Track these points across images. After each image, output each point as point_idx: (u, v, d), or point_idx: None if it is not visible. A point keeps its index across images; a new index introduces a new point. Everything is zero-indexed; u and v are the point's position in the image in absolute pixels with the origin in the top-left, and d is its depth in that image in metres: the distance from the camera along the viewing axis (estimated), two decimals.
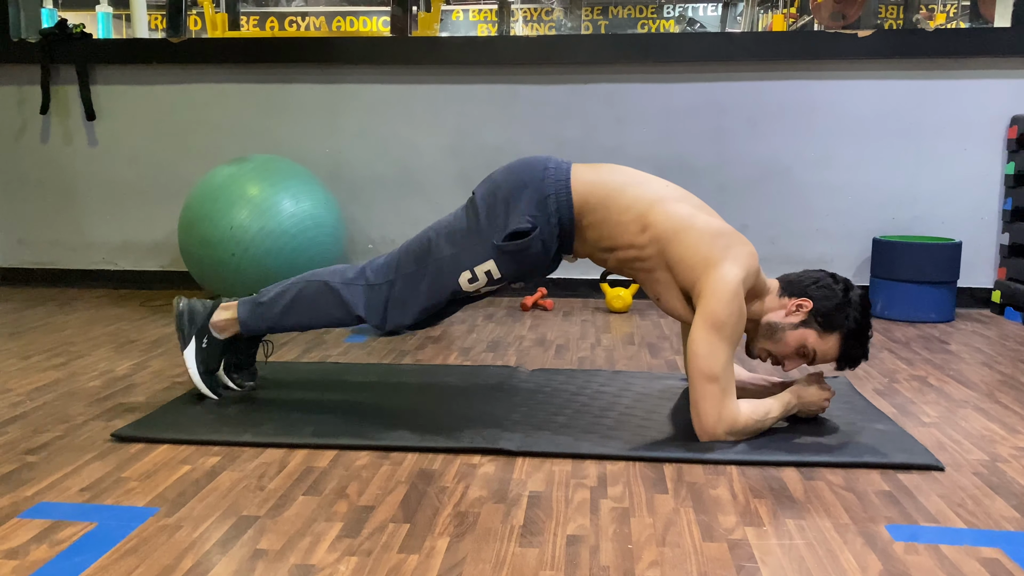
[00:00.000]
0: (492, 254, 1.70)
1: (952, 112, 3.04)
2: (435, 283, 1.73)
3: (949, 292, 2.85)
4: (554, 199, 1.70)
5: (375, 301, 1.77)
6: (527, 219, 1.68)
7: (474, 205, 1.75)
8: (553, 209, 1.70)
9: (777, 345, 1.71)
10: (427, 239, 1.76)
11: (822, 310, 1.68)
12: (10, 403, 1.88)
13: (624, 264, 1.74)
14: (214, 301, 1.89)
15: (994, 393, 2.03)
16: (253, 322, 1.84)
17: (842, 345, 1.68)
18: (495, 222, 1.70)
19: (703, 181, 3.16)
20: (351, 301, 1.78)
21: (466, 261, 1.71)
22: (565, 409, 1.83)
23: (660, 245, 1.68)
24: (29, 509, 1.34)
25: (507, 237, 1.68)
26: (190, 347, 1.86)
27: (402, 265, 1.77)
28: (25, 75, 3.35)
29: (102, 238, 3.42)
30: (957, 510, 1.37)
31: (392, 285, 1.76)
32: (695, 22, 7.85)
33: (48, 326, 2.69)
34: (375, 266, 1.80)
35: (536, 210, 1.69)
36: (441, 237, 1.74)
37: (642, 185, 1.73)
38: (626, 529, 1.29)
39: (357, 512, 1.34)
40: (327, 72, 3.25)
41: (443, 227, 1.76)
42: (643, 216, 1.68)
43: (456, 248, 1.72)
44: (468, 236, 1.72)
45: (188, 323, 1.86)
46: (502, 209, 1.70)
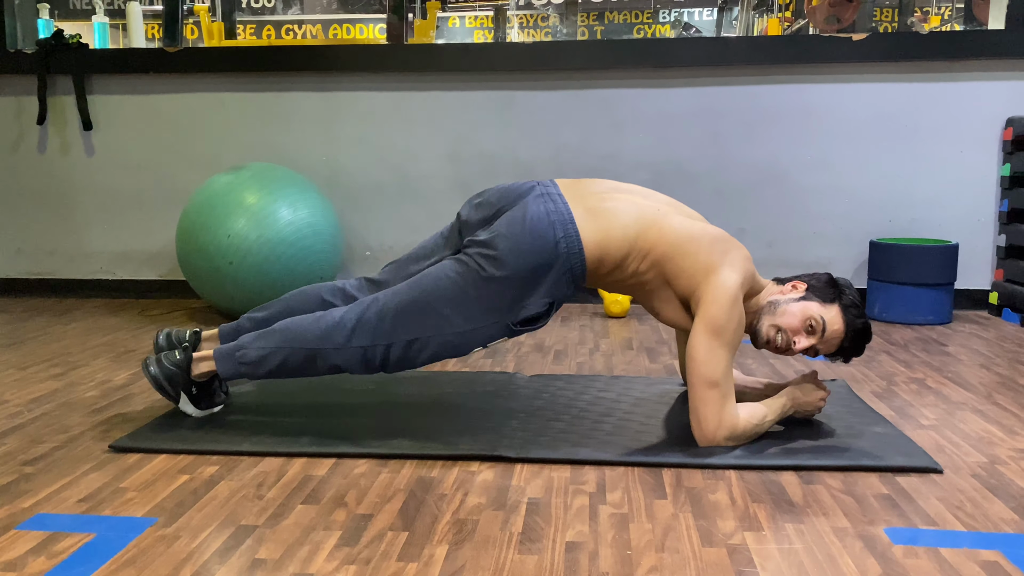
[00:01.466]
0: (507, 332, 1.68)
1: (948, 114, 3.05)
2: (443, 352, 1.68)
3: (946, 294, 2.86)
4: (569, 274, 1.67)
5: (371, 361, 1.69)
6: (544, 304, 1.67)
7: (480, 272, 1.65)
8: (568, 280, 1.68)
9: (784, 317, 1.68)
10: (425, 303, 1.66)
11: (816, 286, 1.71)
12: (8, 414, 1.88)
13: (624, 287, 1.77)
14: (183, 356, 1.76)
15: (992, 395, 2.03)
16: (236, 377, 1.76)
17: (845, 315, 1.68)
18: (511, 305, 1.65)
19: (700, 186, 3.16)
20: (343, 365, 1.69)
21: (479, 339, 1.67)
22: (563, 415, 1.83)
23: (659, 267, 1.69)
24: (27, 521, 1.33)
25: (523, 321, 1.67)
26: (183, 400, 1.79)
27: (399, 330, 1.66)
28: (22, 85, 3.36)
29: (100, 248, 3.42)
30: (956, 513, 1.37)
31: (389, 348, 1.67)
32: (691, 27, 7.87)
33: (46, 336, 2.69)
34: (365, 324, 1.67)
35: (554, 290, 1.67)
36: (444, 305, 1.65)
37: (639, 217, 1.70)
38: (625, 535, 1.28)
39: (356, 520, 1.33)
40: (324, 80, 3.25)
41: (443, 292, 1.66)
42: (644, 250, 1.69)
43: (468, 325, 1.66)
44: (480, 315, 1.65)
45: (170, 387, 1.76)
46: (518, 294, 1.65)
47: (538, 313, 1.67)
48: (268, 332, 1.73)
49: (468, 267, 1.66)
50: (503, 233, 1.66)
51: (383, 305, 1.68)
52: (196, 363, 1.77)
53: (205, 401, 1.82)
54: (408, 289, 1.69)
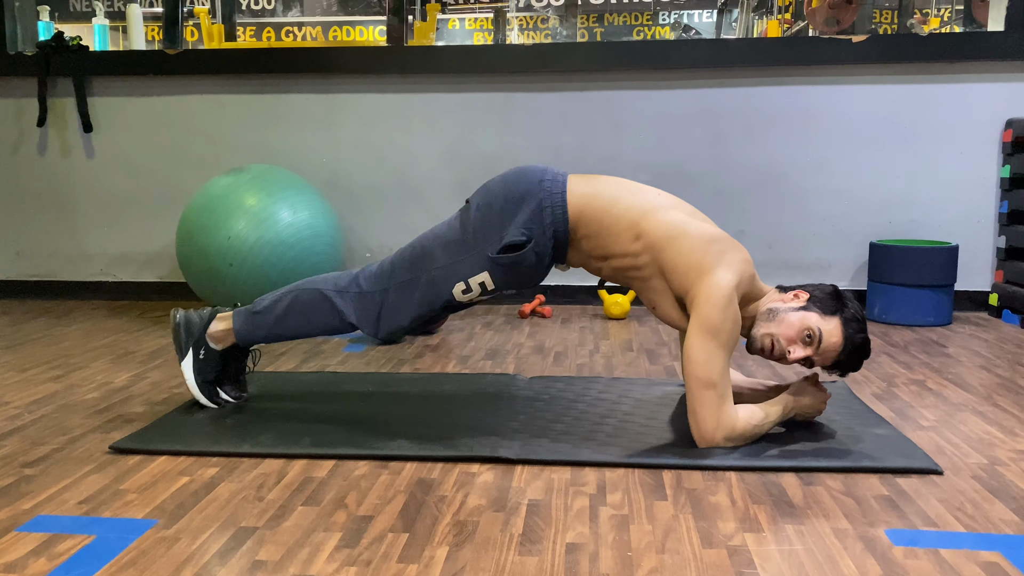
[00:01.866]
0: (486, 266, 1.71)
1: (947, 116, 3.05)
2: (428, 292, 1.75)
3: (946, 295, 2.86)
4: (549, 212, 1.70)
5: (368, 309, 1.78)
6: (522, 232, 1.69)
7: (469, 215, 1.75)
8: (548, 222, 1.70)
9: (780, 326, 1.66)
10: (421, 247, 1.77)
11: (819, 296, 1.69)
12: (8, 416, 1.88)
13: (618, 272, 1.75)
14: (210, 312, 1.89)
15: (992, 396, 2.03)
16: (248, 331, 1.84)
17: (844, 328, 1.65)
18: (490, 234, 1.71)
19: (700, 187, 3.17)
20: (344, 309, 1.79)
21: (460, 272, 1.72)
22: (564, 416, 1.83)
23: (654, 253, 1.68)
24: (27, 522, 1.33)
25: (502, 250, 1.69)
26: (187, 358, 1.86)
27: (396, 273, 1.78)
28: (22, 88, 3.36)
29: (100, 249, 3.42)
30: (956, 514, 1.37)
31: (385, 293, 1.77)
32: (690, 28, 7.87)
33: (46, 338, 2.69)
34: (368, 274, 1.81)
35: (531, 223, 1.69)
36: (436, 246, 1.75)
37: (635, 195, 1.73)
38: (625, 536, 1.28)
39: (356, 522, 1.33)
40: (324, 82, 3.25)
41: (437, 236, 1.77)
42: (636, 224, 1.69)
43: (451, 259, 1.73)
44: (463, 247, 1.72)
45: (185, 335, 1.86)
46: (497, 221, 1.71)
47: (516, 242, 1.69)
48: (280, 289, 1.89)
49: (458, 212, 1.78)
50: (494, 178, 1.79)
51: (386, 259, 1.82)
52: (216, 320, 1.88)
53: (205, 377, 1.87)
54: (406, 245, 1.82)
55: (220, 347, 1.87)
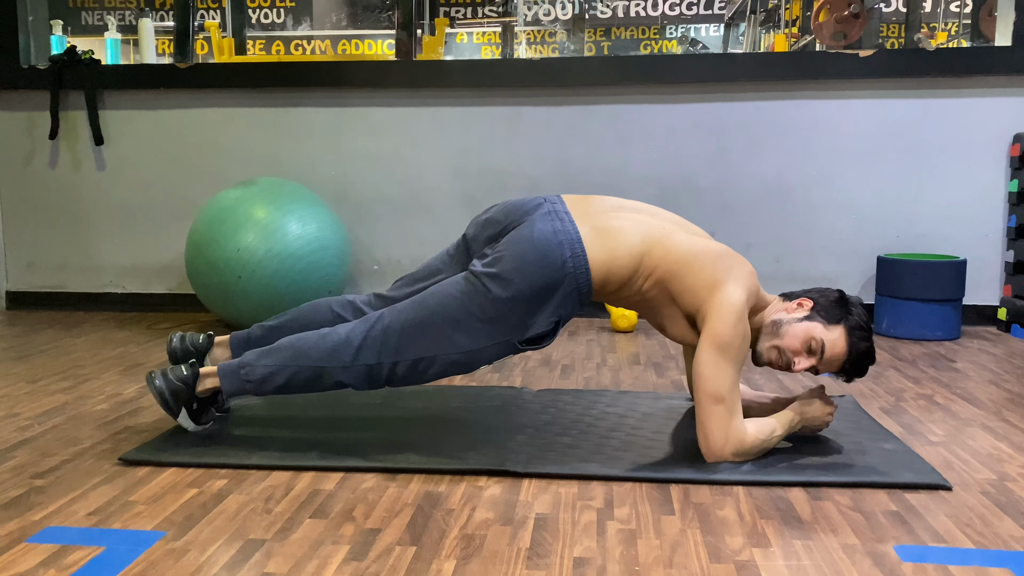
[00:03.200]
0: (512, 350, 1.69)
1: (955, 130, 3.05)
2: (448, 370, 1.70)
3: (955, 310, 2.85)
4: (575, 294, 1.68)
5: (377, 378, 1.70)
6: (551, 320, 1.67)
7: (487, 293, 1.65)
8: (574, 300, 1.69)
9: (784, 338, 1.68)
10: (432, 326, 1.66)
11: (823, 304, 1.69)
12: (18, 427, 1.89)
13: (628, 304, 1.78)
14: (191, 372, 1.76)
15: (1001, 411, 2.02)
16: (239, 392, 1.75)
17: (849, 337, 1.66)
18: (517, 325, 1.66)
19: (706, 201, 3.17)
20: (349, 382, 1.70)
21: (485, 357, 1.68)
22: (571, 430, 1.83)
23: (663, 285, 1.70)
24: (37, 533, 1.34)
25: (529, 341, 1.69)
26: (182, 415, 1.78)
27: (405, 348, 1.67)
28: (34, 101, 3.39)
29: (110, 261, 3.44)
30: (965, 530, 1.36)
31: (395, 366, 1.68)
32: (697, 42, 7.89)
33: (56, 349, 2.70)
34: (372, 342, 1.68)
35: (560, 309, 1.68)
36: (452, 326, 1.66)
37: (646, 237, 1.71)
38: (633, 551, 1.28)
39: (364, 535, 1.34)
40: (333, 95, 3.28)
41: (451, 313, 1.66)
42: (648, 268, 1.70)
43: (474, 345, 1.66)
44: (486, 333, 1.66)
45: (173, 402, 1.75)
46: (524, 314, 1.66)
47: (544, 332, 1.68)
48: (273, 349, 1.73)
49: (473, 286, 1.66)
50: (509, 253, 1.66)
51: (388, 323, 1.69)
52: (202, 379, 1.77)
53: (204, 417, 1.83)
54: (413, 307, 1.69)
55: (210, 393, 1.81)
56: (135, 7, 8.19)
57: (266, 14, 8.19)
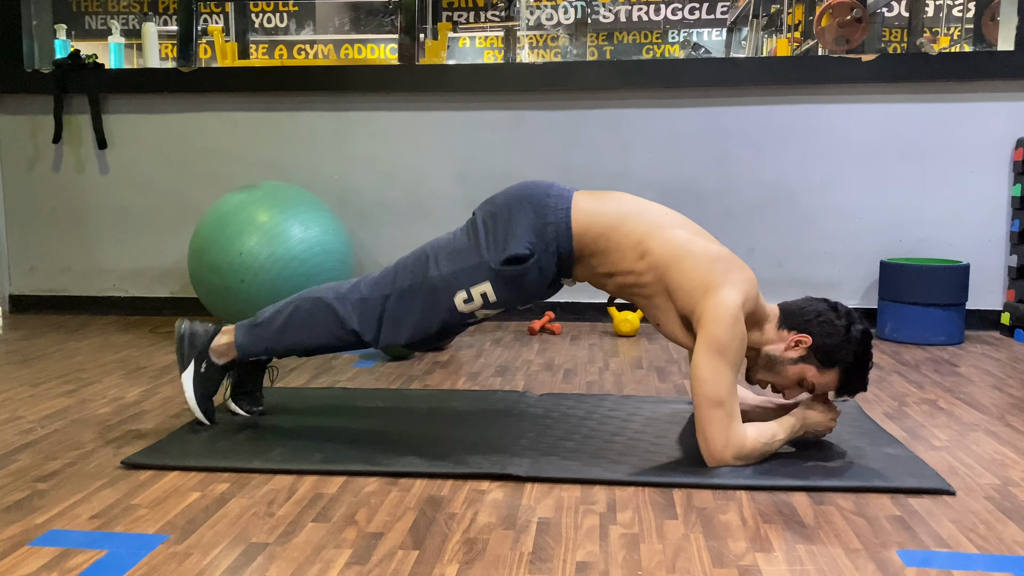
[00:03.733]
0: (489, 276, 1.71)
1: (957, 135, 3.05)
2: (430, 300, 1.73)
3: (958, 314, 2.85)
4: (553, 228, 1.71)
5: (369, 315, 1.76)
6: (526, 246, 1.69)
7: (474, 226, 1.76)
8: (552, 237, 1.71)
9: (776, 377, 1.73)
10: (424, 255, 1.76)
11: (822, 347, 1.67)
12: (21, 430, 1.89)
13: (623, 289, 1.76)
14: (216, 326, 1.89)
15: (1005, 416, 2.02)
16: (250, 344, 1.82)
17: (841, 379, 1.69)
18: (494, 245, 1.71)
19: (709, 205, 3.17)
20: (345, 316, 1.76)
21: (463, 281, 1.71)
22: (574, 434, 1.82)
23: (659, 272, 1.69)
24: (40, 537, 1.34)
25: (505, 261, 1.69)
26: (188, 371, 1.85)
27: (398, 279, 1.76)
28: (38, 105, 3.40)
29: (113, 265, 3.44)
30: (969, 535, 1.36)
31: (387, 299, 1.75)
32: (700, 47, 7.90)
33: (59, 353, 2.70)
34: (370, 280, 1.79)
35: (535, 237, 1.70)
36: (439, 254, 1.75)
37: (641, 213, 1.74)
38: (636, 555, 1.28)
39: (366, 539, 1.34)
40: (336, 100, 3.28)
41: (441, 245, 1.77)
42: (641, 243, 1.70)
43: (454, 267, 1.72)
44: (466, 256, 1.72)
45: (188, 346, 1.86)
46: (502, 233, 1.71)
47: (519, 255, 1.69)
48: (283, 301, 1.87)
49: (464, 225, 1.79)
50: (499, 192, 1.79)
51: (389, 266, 1.81)
52: (220, 335, 1.87)
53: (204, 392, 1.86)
54: (410, 252, 1.82)
55: (222, 361, 1.87)
56: (139, 11, 8.22)
57: (269, 18, 8.21)
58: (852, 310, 1.72)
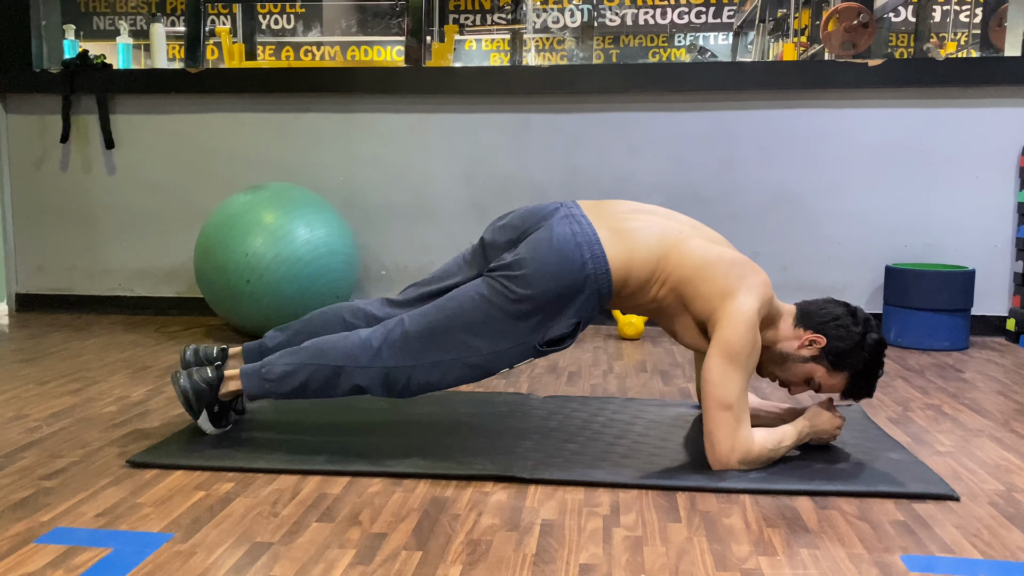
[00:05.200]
0: (532, 354, 1.69)
1: (964, 140, 3.05)
2: (466, 375, 1.69)
3: (963, 320, 2.84)
4: (596, 296, 1.67)
5: (395, 383, 1.69)
6: (571, 323, 1.67)
7: (504, 292, 1.65)
8: (594, 302, 1.68)
9: (785, 373, 1.74)
10: (451, 329, 1.66)
11: (835, 350, 1.67)
12: (27, 428, 1.90)
13: (642, 310, 1.78)
14: (216, 372, 1.78)
15: (1010, 422, 2.02)
16: (260, 393, 1.75)
17: (849, 383, 1.71)
18: (537, 328, 1.66)
19: (714, 209, 3.17)
20: (367, 386, 1.70)
21: (504, 361, 1.67)
22: (578, 436, 1.83)
23: (677, 291, 1.70)
24: (45, 534, 1.35)
25: (548, 343, 1.68)
26: (203, 417, 1.79)
27: (424, 352, 1.67)
28: (46, 105, 3.42)
29: (119, 264, 3.45)
30: (973, 541, 1.36)
31: (414, 369, 1.68)
32: (706, 51, 7.90)
33: (65, 352, 2.71)
34: (391, 345, 1.68)
35: (581, 312, 1.67)
36: (472, 332, 1.66)
37: (661, 239, 1.70)
38: (639, 558, 1.28)
39: (370, 539, 1.34)
40: (342, 101, 3.29)
41: (472, 316, 1.66)
42: (661, 272, 1.70)
43: (493, 348, 1.66)
44: (505, 337, 1.66)
45: (196, 401, 1.77)
46: (546, 318, 1.66)
47: (564, 334, 1.68)
48: (295, 350, 1.75)
49: (494, 289, 1.66)
50: (529, 256, 1.66)
51: (409, 327, 1.69)
52: (225, 382, 1.78)
53: (223, 420, 1.84)
54: (435, 311, 1.69)
55: (231, 398, 1.82)
56: (147, 12, 8.24)
57: (276, 20, 8.23)
58: (870, 317, 1.71)
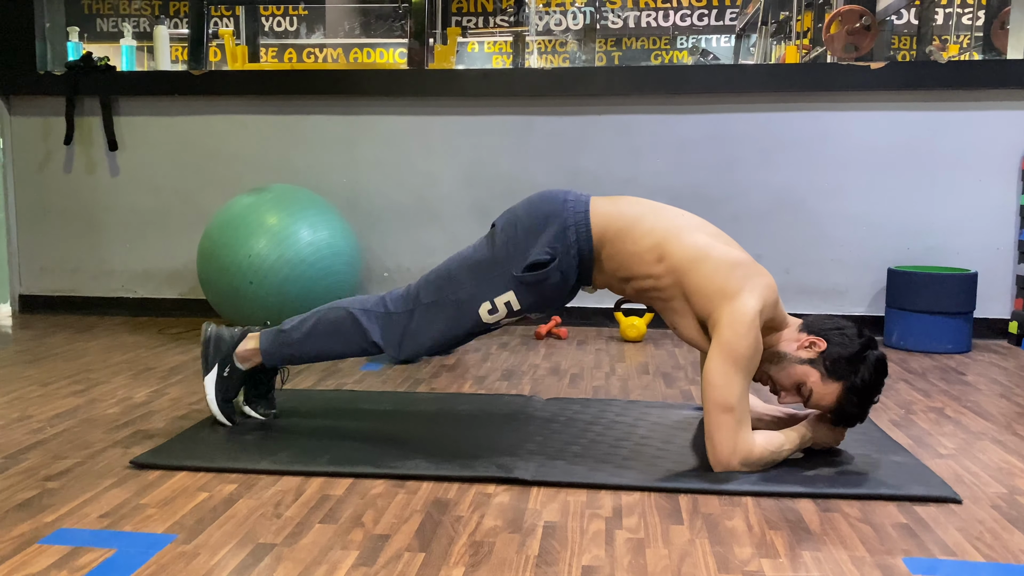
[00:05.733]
0: (512, 285, 1.72)
1: (966, 143, 3.05)
2: (455, 314, 1.76)
3: (965, 323, 2.84)
4: (573, 230, 1.72)
5: (393, 330, 1.80)
6: (547, 251, 1.71)
7: (494, 237, 1.78)
8: (572, 240, 1.72)
9: (780, 373, 1.69)
10: (447, 270, 1.79)
11: (834, 355, 1.64)
12: (31, 429, 1.91)
13: (641, 293, 1.76)
14: (241, 330, 1.91)
15: (1012, 425, 2.02)
16: (275, 350, 1.86)
17: (841, 397, 1.64)
18: (514, 253, 1.73)
19: (717, 211, 3.17)
20: (369, 328, 1.80)
21: (486, 292, 1.74)
22: (580, 439, 1.83)
23: (677, 275, 1.69)
24: (49, 535, 1.35)
25: (526, 268, 1.71)
26: (212, 374, 1.88)
27: (422, 295, 1.79)
28: (50, 107, 3.43)
29: (122, 266, 3.46)
30: (975, 543, 1.36)
31: (411, 315, 1.79)
32: (708, 53, 7.91)
33: (68, 353, 2.72)
34: (395, 295, 1.83)
35: (556, 241, 1.71)
36: (461, 269, 1.77)
37: (659, 215, 1.74)
38: (641, 560, 1.28)
39: (373, 541, 1.34)
40: (345, 104, 3.30)
41: (463, 258, 1.79)
42: (659, 246, 1.70)
43: (476, 279, 1.75)
44: (488, 268, 1.75)
45: (213, 350, 1.88)
46: (522, 240, 1.73)
47: (541, 260, 1.71)
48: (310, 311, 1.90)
49: (483, 238, 1.81)
50: (518, 203, 1.82)
51: (413, 283, 1.84)
52: (246, 340, 1.89)
53: (224, 395, 1.88)
54: (434, 267, 1.84)
55: (246, 367, 1.89)
56: (150, 14, 8.26)
57: (279, 22, 8.25)
58: (876, 340, 1.70)
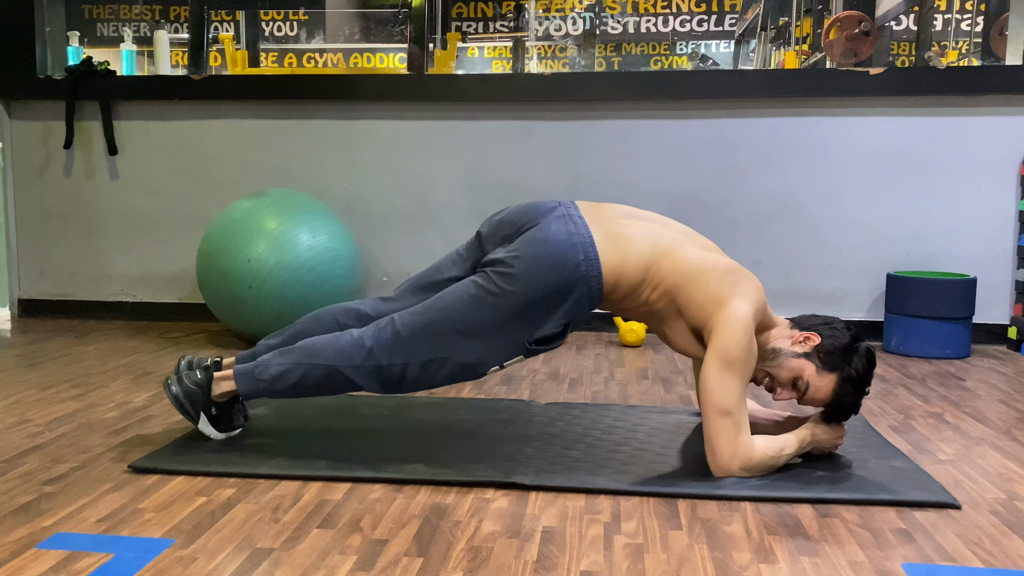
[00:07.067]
0: (522, 351, 1.70)
1: (965, 149, 3.05)
2: (459, 373, 1.70)
3: (965, 328, 2.84)
4: (587, 299, 1.68)
5: (389, 381, 1.71)
6: (561, 323, 1.68)
7: (494, 291, 1.66)
8: (585, 304, 1.69)
9: (774, 368, 1.71)
10: (443, 326, 1.67)
11: (827, 347, 1.68)
12: (29, 433, 1.90)
13: (634, 314, 1.78)
14: (205, 375, 1.78)
15: (1011, 430, 2.02)
16: (255, 393, 1.75)
17: (837, 388, 1.67)
18: (527, 326, 1.67)
19: (716, 216, 3.18)
20: (361, 383, 1.71)
21: (496, 358, 1.69)
22: (579, 443, 1.83)
23: (670, 296, 1.70)
24: (47, 540, 1.35)
25: (538, 341, 1.69)
26: (202, 421, 1.79)
27: (416, 350, 1.68)
28: (50, 111, 3.43)
29: (121, 270, 3.46)
30: (974, 549, 1.36)
31: (407, 368, 1.69)
32: (708, 58, 7.92)
33: (67, 357, 2.72)
34: (383, 344, 1.69)
35: (572, 312, 1.68)
36: (463, 330, 1.67)
37: (654, 245, 1.71)
38: (640, 565, 1.28)
39: (371, 545, 1.34)
40: (344, 108, 3.30)
41: (463, 314, 1.67)
42: (654, 277, 1.70)
43: (483, 344, 1.67)
44: (495, 334, 1.67)
45: (190, 405, 1.77)
46: (535, 314, 1.66)
47: (554, 333, 1.69)
48: (287, 350, 1.75)
49: (485, 287, 1.67)
50: (523, 253, 1.67)
51: (400, 325, 1.70)
52: (216, 383, 1.78)
53: (224, 423, 1.83)
54: (425, 310, 1.70)
55: (225, 399, 1.81)
56: (151, 19, 8.28)
57: (279, 27, 8.26)
58: (861, 332, 1.73)
